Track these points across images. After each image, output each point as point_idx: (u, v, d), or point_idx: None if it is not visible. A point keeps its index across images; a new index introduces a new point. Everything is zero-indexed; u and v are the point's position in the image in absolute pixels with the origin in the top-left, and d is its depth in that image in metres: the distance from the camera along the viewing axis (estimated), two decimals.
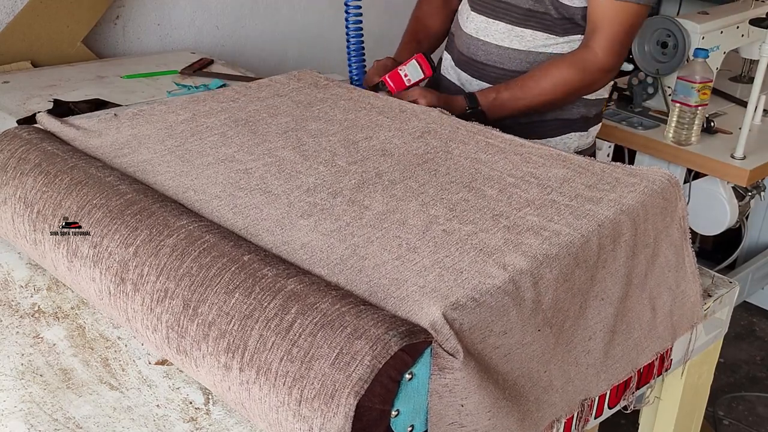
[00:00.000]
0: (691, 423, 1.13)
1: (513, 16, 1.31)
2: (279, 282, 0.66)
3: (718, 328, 1.04)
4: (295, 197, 0.84)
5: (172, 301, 0.69)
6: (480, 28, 1.34)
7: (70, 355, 0.79)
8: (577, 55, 1.26)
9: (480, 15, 1.35)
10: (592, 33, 1.25)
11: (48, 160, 0.89)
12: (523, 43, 1.31)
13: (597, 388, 0.81)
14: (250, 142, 0.98)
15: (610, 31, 1.23)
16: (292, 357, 0.60)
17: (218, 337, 0.65)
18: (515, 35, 1.31)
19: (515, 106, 1.26)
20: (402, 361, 0.58)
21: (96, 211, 0.80)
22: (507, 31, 1.31)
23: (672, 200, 0.87)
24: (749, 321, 2.45)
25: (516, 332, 0.69)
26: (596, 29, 1.24)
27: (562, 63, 1.26)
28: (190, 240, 0.73)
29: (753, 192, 2.06)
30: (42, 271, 0.93)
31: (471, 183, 0.87)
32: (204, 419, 0.72)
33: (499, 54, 1.33)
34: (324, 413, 0.57)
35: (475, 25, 1.35)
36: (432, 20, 1.48)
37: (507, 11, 1.31)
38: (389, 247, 0.74)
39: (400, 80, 1.24)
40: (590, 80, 1.28)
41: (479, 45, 1.35)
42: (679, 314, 0.90)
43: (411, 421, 0.62)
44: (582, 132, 1.39)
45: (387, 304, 0.66)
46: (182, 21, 2.03)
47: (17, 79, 1.60)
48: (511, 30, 1.31)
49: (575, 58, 1.26)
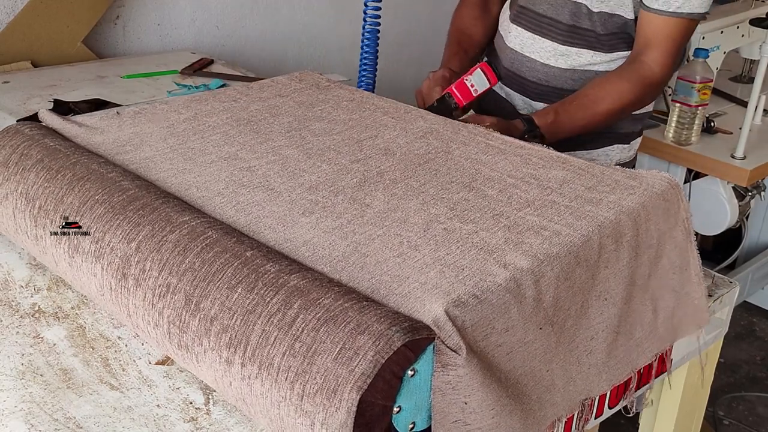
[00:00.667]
0: (691, 423, 1.13)
1: (557, 33, 1.29)
2: (282, 277, 0.66)
3: (718, 328, 1.04)
4: (298, 195, 0.84)
5: (174, 296, 0.69)
6: (525, 44, 1.32)
7: (70, 355, 0.79)
8: (632, 71, 1.22)
9: (524, 30, 1.32)
10: (645, 47, 1.21)
11: (50, 156, 0.89)
12: (568, 62, 1.29)
13: (598, 388, 0.81)
14: (252, 140, 0.98)
15: (664, 46, 1.20)
16: (294, 352, 0.60)
17: (220, 332, 0.65)
18: (560, 53, 1.29)
19: (573, 126, 1.22)
20: (405, 357, 0.58)
21: (98, 206, 0.80)
22: (552, 49, 1.30)
23: (674, 202, 0.87)
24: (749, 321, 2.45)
25: (518, 330, 0.69)
26: (649, 43, 1.21)
27: (618, 79, 1.22)
28: (192, 236, 0.73)
29: (753, 192, 2.06)
30: (42, 271, 0.93)
31: (471, 183, 0.88)
32: (204, 419, 0.72)
33: (545, 72, 1.31)
34: (326, 408, 0.57)
35: (520, 41, 1.33)
36: (474, 29, 1.44)
37: (550, 27, 1.29)
38: (390, 244, 0.74)
39: (467, 91, 1.17)
40: (645, 95, 1.25)
41: (524, 61, 1.33)
42: (681, 316, 0.90)
43: (413, 418, 0.62)
44: (624, 144, 1.36)
45: (389, 300, 0.66)
46: (182, 21, 2.03)
47: (17, 79, 1.60)
48: (555, 48, 1.29)
49: (630, 73, 1.22)
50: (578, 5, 1.26)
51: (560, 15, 1.28)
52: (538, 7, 1.31)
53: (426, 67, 1.45)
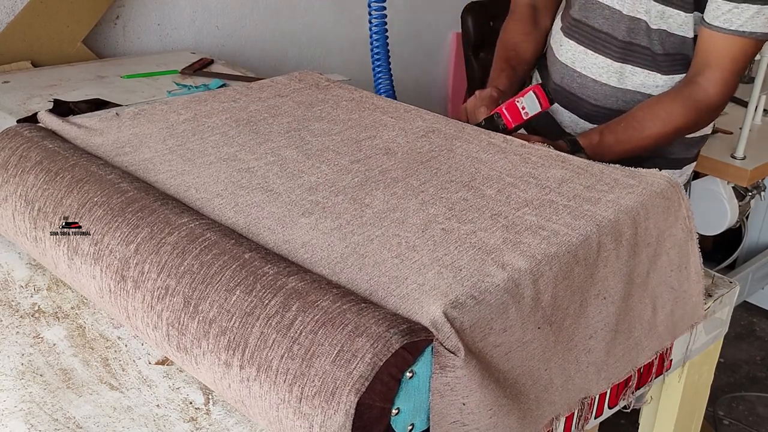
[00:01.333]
0: (691, 423, 1.13)
1: (612, 50, 1.23)
2: (280, 280, 0.66)
3: (718, 328, 1.04)
4: (297, 195, 0.84)
5: (172, 298, 0.69)
6: (577, 59, 1.27)
7: (70, 355, 0.79)
8: (686, 94, 1.15)
9: (576, 44, 1.27)
10: (703, 67, 1.14)
11: (49, 158, 0.89)
12: (622, 81, 1.23)
13: (597, 387, 0.81)
14: (252, 141, 0.98)
15: (723, 67, 1.12)
16: (292, 354, 0.60)
17: (219, 334, 0.65)
18: (614, 71, 1.23)
19: (619, 149, 1.16)
20: (403, 359, 0.58)
21: (97, 208, 0.80)
22: (606, 66, 1.24)
23: (674, 200, 0.87)
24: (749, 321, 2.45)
25: (516, 330, 0.69)
26: (708, 64, 1.13)
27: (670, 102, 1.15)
28: (191, 238, 0.73)
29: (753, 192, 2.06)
30: (42, 271, 0.93)
31: (470, 182, 0.88)
32: (204, 419, 0.72)
33: (595, 90, 1.25)
34: (325, 411, 0.57)
35: (572, 55, 1.28)
36: (523, 45, 1.37)
37: (605, 43, 1.23)
38: (389, 245, 0.75)
39: (517, 113, 1.13)
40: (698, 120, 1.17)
41: (574, 77, 1.28)
42: (680, 314, 0.90)
43: (411, 420, 0.62)
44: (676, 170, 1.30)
45: (387, 302, 0.66)
46: (182, 21, 2.03)
47: (17, 79, 1.60)
48: (610, 65, 1.23)
49: (684, 96, 1.15)
50: (636, 21, 1.19)
51: (616, 30, 1.21)
52: (593, 21, 1.24)
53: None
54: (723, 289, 1.01)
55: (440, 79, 2.87)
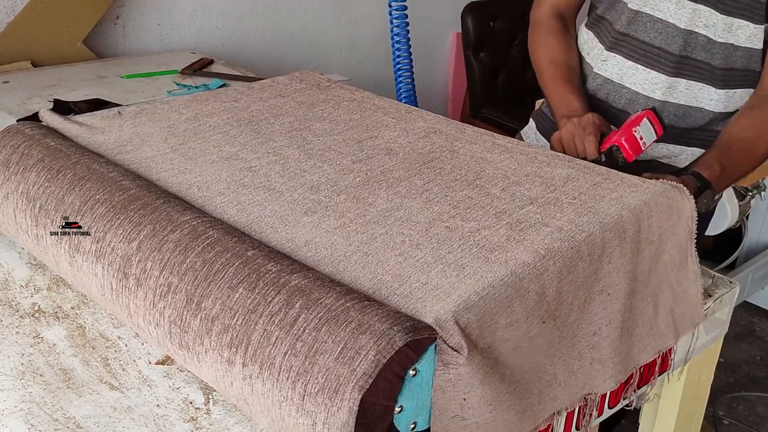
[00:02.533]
0: (691, 423, 1.13)
1: (665, 64, 1.18)
2: (283, 277, 0.66)
3: (718, 328, 1.04)
4: (299, 195, 0.84)
5: (175, 296, 0.69)
6: (625, 74, 1.21)
7: (70, 355, 0.79)
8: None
9: (624, 59, 1.21)
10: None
11: (51, 155, 0.89)
12: (674, 95, 1.19)
13: (603, 385, 0.81)
14: (254, 141, 0.98)
15: None
16: (296, 351, 0.60)
17: (221, 331, 0.65)
18: (667, 86, 1.18)
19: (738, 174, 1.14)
20: (406, 357, 0.58)
21: (99, 206, 0.80)
22: (657, 81, 1.18)
23: (677, 200, 0.87)
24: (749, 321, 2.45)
25: (522, 324, 0.69)
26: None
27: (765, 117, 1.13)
28: (193, 235, 0.73)
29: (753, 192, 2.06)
30: (42, 271, 0.93)
31: (475, 181, 0.88)
32: (204, 419, 0.72)
33: (645, 105, 1.20)
34: (328, 408, 0.57)
35: (619, 70, 1.22)
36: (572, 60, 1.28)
37: (658, 57, 1.18)
38: (392, 243, 0.74)
39: (636, 144, 1.06)
40: None
41: (622, 92, 1.22)
42: (680, 312, 0.90)
43: (414, 418, 0.62)
44: None
45: (391, 300, 0.66)
46: (182, 21, 2.03)
47: (17, 79, 1.60)
48: (663, 80, 1.18)
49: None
50: (694, 35, 1.15)
51: (671, 45, 1.17)
52: (644, 35, 1.19)
53: None
54: (723, 289, 1.01)
55: (440, 79, 2.87)
